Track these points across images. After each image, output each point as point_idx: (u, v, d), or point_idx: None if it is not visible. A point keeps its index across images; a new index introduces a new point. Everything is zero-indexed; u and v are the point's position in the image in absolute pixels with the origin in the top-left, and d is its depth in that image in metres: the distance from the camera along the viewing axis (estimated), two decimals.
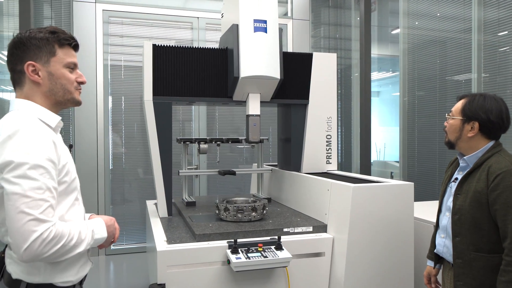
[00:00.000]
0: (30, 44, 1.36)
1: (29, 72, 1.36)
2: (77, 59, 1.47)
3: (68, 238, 1.25)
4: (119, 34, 5.25)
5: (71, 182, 1.36)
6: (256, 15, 2.91)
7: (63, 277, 1.34)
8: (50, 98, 1.40)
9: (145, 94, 2.91)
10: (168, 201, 3.03)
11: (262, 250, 2.25)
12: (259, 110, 3.06)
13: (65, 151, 1.36)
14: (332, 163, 3.36)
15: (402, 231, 2.43)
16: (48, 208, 1.20)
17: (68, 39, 1.42)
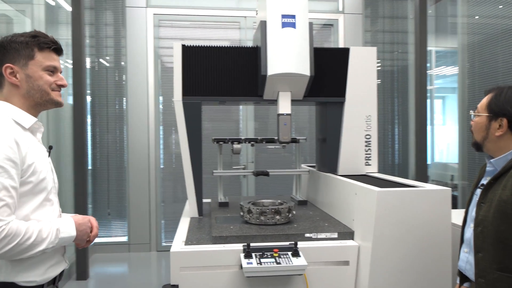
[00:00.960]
0: (10, 47, 1.40)
1: (7, 74, 1.40)
2: (59, 63, 1.49)
3: (24, 237, 1.25)
4: (169, 37, 5.39)
5: (38, 183, 1.37)
6: (284, 10, 2.80)
7: (26, 277, 1.35)
8: (29, 100, 1.43)
9: (175, 95, 2.93)
10: (199, 201, 3.02)
11: (277, 255, 2.14)
12: (289, 109, 2.94)
13: (34, 152, 1.37)
14: (372, 165, 3.13)
15: (437, 242, 2.18)
16: (3, 207, 1.22)
17: (48, 43, 1.44)
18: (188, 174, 2.99)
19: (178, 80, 2.93)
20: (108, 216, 5.35)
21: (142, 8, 5.23)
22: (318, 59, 3.00)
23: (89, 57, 5.29)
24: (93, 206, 5.34)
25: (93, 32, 5.29)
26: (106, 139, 5.34)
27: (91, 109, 5.31)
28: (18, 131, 1.36)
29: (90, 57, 5.30)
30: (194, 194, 3.01)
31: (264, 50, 2.81)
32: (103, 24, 5.28)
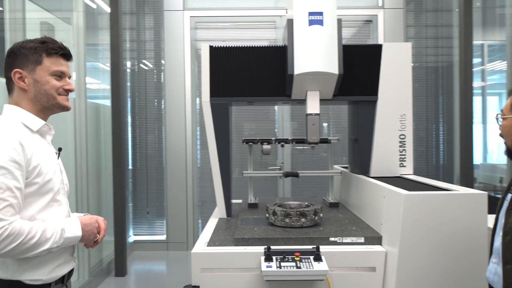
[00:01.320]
0: (19, 53, 1.45)
1: (16, 79, 1.45)
2: (67, 68, 1.52)
3: (28, 237, 1.28)
4: (206, 39, 5.45)
5: (44, 184, 1.40)
6: (311, 8, 2.72)
7: (32, 275, 1.38)
8: (36, 104, 1.47)
9: (203, 96, 2.94)
10: (227, 202, 3.01)
11: (299, 259, 2.08)
12: (318, 109, 2.87)
13: (40, 154, 1.41)
14: (407, 167, 2.98)
15: (471, 250, 2.03)
16: (7, 207, 1.26)
17: (56, 48, 1.48)
18: (216, 175, 2.99)
19: (206, 81, 2.94)
20: (147, 215, 5.50)
21: (179, 11, 5.33)
22: (348, 56, 2.90)
23: (130, 60, 5.46)
24: (133, 205, 5.51)
25: (134, 36, 5.45)
26: (145, 140, 5.49)
27: (131, 110, 5.48)
28: (25, 133, 1.40)
29: (130, 60, 5.47)
30: (222, 195, 3.01)
31: (291, 49, 2.76)
32: (143, 28, 5.43)
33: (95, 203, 4.28)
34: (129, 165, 5.46)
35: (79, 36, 3.86)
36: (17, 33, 2.86)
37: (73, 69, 3.86)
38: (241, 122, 5.49)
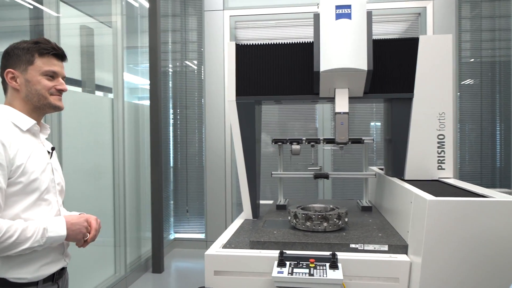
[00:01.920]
0: (13, 53, 1.47)
1: (8, 79, 1.47)
2: (61, 68, 1.53)
3: (5, 236, 1.29)
4: (246, 38, 5.42)
5: (29, 183, 1.40)
6: (338, 0, 2.58)
7: (17, 274, 1.38)
8: (28, 104, 1.48)
9: (228, 95, 2.90)
10: (253, 203, 2.95)
11: (313, 266, 1.97)
12: (347, 107, 2.72)
13: (26, 153, 1.41)
14: (447, 169, 2.75)
15: (503, 263, 1.81)
16: None
17: (48, 48, 1.48)
18: (242, 175, 2.93)
19: (231, 80, 2.89)
20: (186, 213, 5.58)
21: (219, 11, 5.34)
22: (381, 51, 2.74)
23: (172, 61, 5.56)
24: (174, 203, 5.61)
25: (176, 38, 5.55)
26: (185, 139, 5.57)
27: (173, 110, 5.58)
28: (13, 133, 1.41)
29: (172, 61, 5.57)
30: (248, 196, 2.94)
31: (317, 45, 2.64)
32: (184, 29, 5.51)
33: (133, 201, 4.39)
34: (171, 164, 5.57)
35: (117, 38, 3.98)
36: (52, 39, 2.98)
37: (111, 70, 4.00)
38: (285, 121, 5.40)
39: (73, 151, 3.30)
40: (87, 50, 3.79)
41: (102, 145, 3.79)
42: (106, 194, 3.86)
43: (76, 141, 3.38)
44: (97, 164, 3.71)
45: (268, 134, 5.36)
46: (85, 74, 3.76)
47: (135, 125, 4.47)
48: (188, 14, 5.53)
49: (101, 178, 3.77)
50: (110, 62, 3.97)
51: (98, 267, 3.73)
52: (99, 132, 3.75)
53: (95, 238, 1.55)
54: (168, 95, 5.57)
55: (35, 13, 3.08)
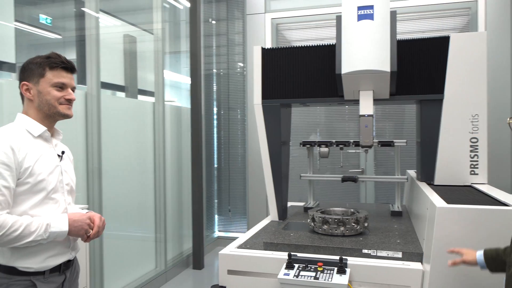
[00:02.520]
0: (28, 67, 1.64)
1: (23, 90, 1.64)
2: (70, 80, 1.67)
3: (10, 229, 1.44)
4: (288, 40, 5.44)
5: (36, 183, 1.55)
6: (360, 1, 2.54)
7: (24, 263, 1.54)
8: (41, 112, 1.64)
9: (255, 98, 2.95)
10: (279, 205, 2.98)
11: (321, 270, 1.97)
12: (371, 110, 2.67)
13: (34, 156, 1.56)
14: (480, 175, 2.60)
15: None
16: None
17: (57, 62, 1.63)
18: (267, 177, 2.98)
19: (258, 83, 2.94)
20: (228, 212, 5.71)
21: (261, 14, 5.41)
22: (409, 51, 2.66)
23: (216, 64, 5.73)
24: (218, 202, 5.77)
25: (220, 41, 5.71)
26: (228, 141, 5.70)
27: (217, 113, 5.74)
28: (24, 138, 1.57)
29: (216, 64, 5.73)
30: (274, 197, 2.98)
31: (338, 47, 2.62)
32: (227, 33, 5.65)
33: (175, 200, 4.60)
34: (215, 164, 5.74)
35: (158, 44, 4.19)
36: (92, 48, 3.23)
37: (152, 75, 4.21)
38: (332, 122, 5.35)
39: (114, 152, 3.54)
40: (130, 57, 4.03)
41: (144, 146, 4.02)
42: (148, 194, 4.09)
43: (119, 143, 3.62)
44: (139, 165, 3.93)
45: (319, 135, 5.36)
46: (128, 80, 4.01)
47: (177, 127, 4.67)
48: (233, 18, 5.65)
49: (143, 178, 3.99)
50: (151, 67, 4.19)
51: (140, 261, 3.96)
52: (141, 134, 3.97)
53: (98, 235, 1.68)
54: (212, 97, 5.74)
55: (78, 25, 3.35)
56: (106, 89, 3.73)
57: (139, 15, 4.29)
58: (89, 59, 3.25)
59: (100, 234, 1.70)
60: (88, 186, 3.22)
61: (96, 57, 3.24)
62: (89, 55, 3.24)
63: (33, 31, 3.40)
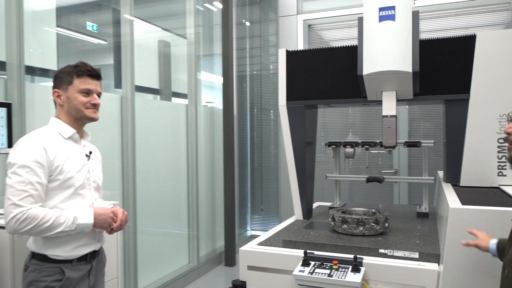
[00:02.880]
0: (58, 76, 1.82)
1: (54, 97, 1.82)
2: (95, 86, 1.82)
3: (42, 221, 1.61)
4: (320, 41, 5.46)
5: (65, 180, 1.72)
6: (382, 2, 2.55)
7: (54, 252, 1.71)
8: (70, 116, 1.81)
9: (280, 99, 3.02)
10: (303, 204, 3.03)
11: (336, 268, 2.02)
12: (395, 110, 2.67)
13: (64, 156, 1.73)
14: (508, 176, 2.54)
15: None
16: (27, 197, 1.60)
17: (83, 70, 1.79)
18: (292, 177, 3.04)
19: (282, 86, 3.01)
20: (261, 211, 5.81)
21: (293, 16, 5.46)
22: (434, 51, 2.64)
23: (249, 66, 5.84)
24: (251, 201, 5.88)
25: (254, 43, 5.82)
26: (261, 141, 5.80)
27: (250, 113, 5.85)
28: (55, 140, 1.75)
29: (249, 66, 5.85)
30: (298, 197, 3.04)
31: (360, 48, 2.64)
32: (260, 35, 5.75)
33: (208, 199, 4.75)
34: (248, 164, 5.85)
35: (192, 48, 4.36)
36: (127, 54, 3.43)
37: (186, 78, 4.38)
38: (368, 122, 5.33)
39: (149, 152, 3.73)
40: (165, 62, 4.22)
41: (178, 147, 4.20)
42: (181, 193, 4.26)
43: (153, 143, 3.81)
44: (173, 165, 4.11)
45: (356, 135, 5.35)
46: (163, 83, 4.20)
47: (211, 128, 4.82)
48: (266, 20, 5.75)
49: (176, 177, 4.17)
50: (185, 71, 4.36)
51: (173, 256, 4.14)
52: (175, 134, 4.15)
53: (121, 228, 1.83)
54: (246, 98, 5.85)
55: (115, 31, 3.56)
56: (142, 92, 3.93)
57: (173, 20, 4.48)
58: (124, 65, 3.45)
59: (123, 227, 1.84)
60: (123, 184, 3.42)
61: (130, 62, 3.44)
62: (124, 60, 3.44)
63: (79, 37, 3.66)
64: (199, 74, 4.56)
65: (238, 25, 5.64)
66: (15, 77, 2.62)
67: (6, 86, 2.60)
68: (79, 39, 3.69)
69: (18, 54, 2.66)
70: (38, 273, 1.70)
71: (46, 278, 1.70)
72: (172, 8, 4.65)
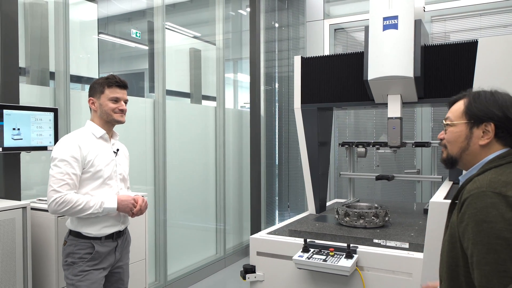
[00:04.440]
0: (93, 86, 2.18)
1: (90, 104, 2.17)
2: (123, 95, 2.16)
3: (76, 204, 1.96)
4: (344, 45, 5.63)
5: (96, 172, 2.07)
6: (385, 12, 2.75)
7: (86, 229, 2.06)
8: (101, 120, 2.16)
9: (295, 103, 3.28)
10: (316, 200, 3.27)
11: (333, 254, 2.26)
12: (399, 113, 2.86)
13: (95, 152, 2.08)
14: None
15: None
16: (64, 185, 1.96)
17: (113, 82, 2.13)
18: (306, 174, 3.28)
19: (297, 89, 3.26)
20: (287, 208, 6.05)
21: (320, 21, 5.67)
22: (438, 56, 2.79)
23: (278, 68, 6.11)
24: (279, 199, 6.14)
25: (282, 46, 6.08)
26: (288, 141, 6.04)
27: (279, 115, 6.12)
28: (89, 138, 2.10)
29: (278, 68, 6.11)
30: (311, 193, 3.29)
31: (366, 55, 2.85)
32: (289, 38, 6.00)
33: (235, 196, 5.07)
34: (276, 163, 6.12)
35: (220, 53, 4.69)
36: (159, 61, 3.81)
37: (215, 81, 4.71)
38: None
39: (179, 151, 4.09)
40: (195, 67, 4.58)
41: (206, 146, 4.54)
42: (209, 189, 4.60)
43: (183, 143, 4.17)
44: (202, 163, 4.46)
45: (382, 135, 5.50)
46: (193, 87, 4.56)
47: (239, 128, 5.13)
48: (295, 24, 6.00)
49: (205, 175, 4.52)
50: (214, 75, 4.71)
51: (201, 247, 4.49)
52: (204, 134, 4.50)
53: (141, 213, 2.16)
54: (275, 99, 6.12)
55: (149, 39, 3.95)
56: (174, 96, 4.31)
57: (204, 27, 4.83)
58: (157, 71, 3.83)
59: (143, 212, 2.18)
60: (155, 180, 3.80)
61: (162, 68, 3.81)
62: (157, 67, 3.82)
63: (124, 43, 4.07)
64: (236, 76, 4.86)
65: (267, 29, 5.92)
66: (62, 85, 3.04)
67: (55, 93, 3.03)
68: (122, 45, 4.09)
69: (64, 63, 3.07)
70: (74, 247, 2.06)
71: (80, 251, 2.05)
72: (203, 16, 5.01)
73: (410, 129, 5.25)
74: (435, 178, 3.19)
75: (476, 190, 1.15)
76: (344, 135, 5.59)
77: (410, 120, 5.25)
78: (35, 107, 2.62)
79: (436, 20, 5.12)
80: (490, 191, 1.12)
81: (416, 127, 5.20)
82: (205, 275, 4.41)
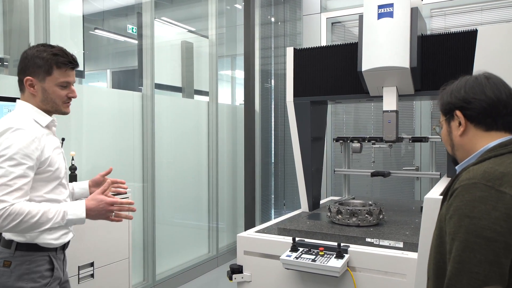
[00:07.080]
0: (33, 62, 1.60)
1: (27, 85, 1.62)
2: (73, 77, 1.67)
3: (27, 217, 1.46)
4: (342, 39, 5.50)
5: (55, 171, 1.62)
6: (380, 0, 2.62)
7: (45, 238, 1.63)
8: (42, 107, 1.65)
9: (287, 96, 3.15)
10: (309, 197, 3.14)
11: (322, 254, 2.13)
12: (395, 106, 2.73)
13: (50, 147, 1.62)
14: None
15: None
16: (13, 191, 1.45)
17: (65, 62, 1.62)
18: (298, 170, 3.15)
19: (289, 82, 3.14)
20: (283, 206, 5.92)
21: (317, 14, 5.54)
22: (435, 46, 2.66)
23: (274, 65, 5.98)
24: (274, 197, 6.01)
25: (278, 43, 5.95)
26: (284, 138, 5.91)
27: (275, 111, 5.99)
28: (38, 129, 1.59)
29: (274, 65, 5.98)
30: (304, 189, 3.15)
31: (360, 45, 2.72)
32: (285, 34, 5.87)
33: (229, 194, 4.95)
34: (272, 160, 5.99)
35: (213, 48, 4.57)
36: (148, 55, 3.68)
37: (207, 76, 4.59)
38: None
39: (169, 147, 3.97)
40: (187, 61, 4.45)
41: (199, 142, 4.42)
42: (201, 187, 4.48)
43: (173, 138, 4.05)
44: (194, 159, 4.34)
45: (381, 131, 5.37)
46: (185, 81, 4.43)
47: (233, 124, 5.01)
48: (292, 19, 5.86)
49: (197, 172, 4.39)
50: (206, 69, 4.58)
51: (193, 245, 4.37)
52: (196, 130, 4.38)
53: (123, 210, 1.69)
54: (270, 95, 6.00)
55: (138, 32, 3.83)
56: (165, 90, 4.18)
57: (196, 22, 4.70)
58: (145, 63, 3.70)
59: (125, 209, 1.70)
60: (143, 176, 3.68)
61: (151, 61, 3.69)
62: (145, 60, 3.69)
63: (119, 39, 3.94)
64: (233, 73, 4.75)
65: (263, 25, 5.80)
66: None
67: None
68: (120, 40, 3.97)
69: None
70: (29, 264, 1.58)
71: (39, 267, 1.60)
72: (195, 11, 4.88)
73: (409, 125, 5.12)
74: (433, 174, 3.07)
75: (467, 181, 1.04)
76: (342, 132, 5.47)
77: (408, 117, 5.12)
78: None
79: (436, 15, 4.99)
80: (482, 183, 1.02)
81: (415, 124, 5.07)
82: (197, 275, 4.29)
